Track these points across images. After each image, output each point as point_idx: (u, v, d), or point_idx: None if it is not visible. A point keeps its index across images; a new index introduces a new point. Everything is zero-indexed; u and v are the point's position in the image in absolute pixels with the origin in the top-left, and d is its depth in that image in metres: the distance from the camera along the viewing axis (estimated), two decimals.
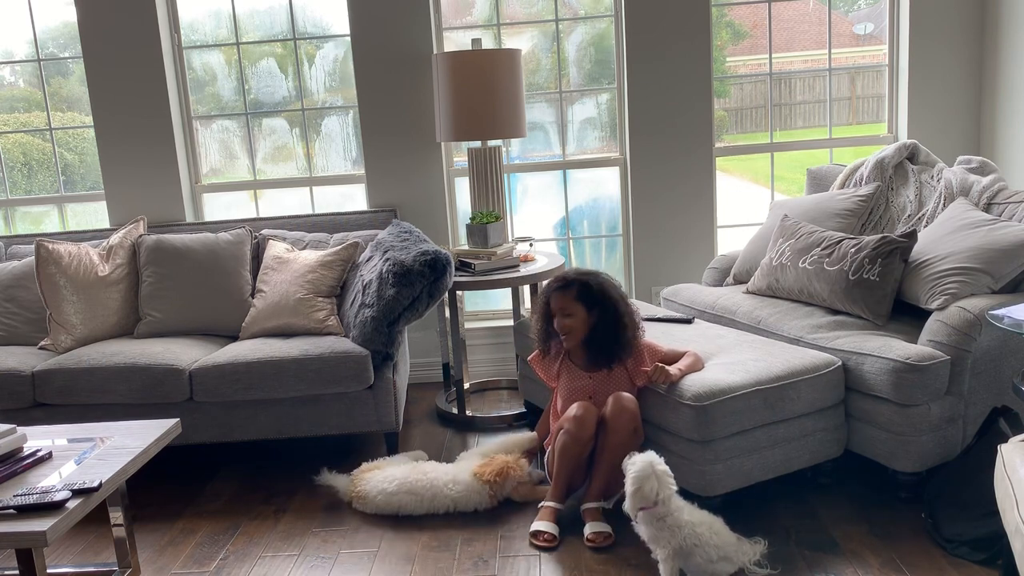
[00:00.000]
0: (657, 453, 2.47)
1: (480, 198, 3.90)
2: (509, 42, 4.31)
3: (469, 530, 2.84)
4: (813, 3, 4.30)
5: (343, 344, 3.32)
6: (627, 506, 2.40)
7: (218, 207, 4.49)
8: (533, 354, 3.06)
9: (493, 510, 2.96)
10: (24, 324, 3.72)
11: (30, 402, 3.33)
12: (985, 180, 3.26)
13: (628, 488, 2.38)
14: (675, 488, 2.40)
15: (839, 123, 4.37)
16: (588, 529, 2.72)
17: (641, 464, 2.38)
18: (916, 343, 2.79)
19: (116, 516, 2.52)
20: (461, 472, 2.96)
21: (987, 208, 3.18)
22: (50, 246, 3.65)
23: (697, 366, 2.81)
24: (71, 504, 2.02)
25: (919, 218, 3.35)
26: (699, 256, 4.25)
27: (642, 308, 3.57)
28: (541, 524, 2.75)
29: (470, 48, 3.86)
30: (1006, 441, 2.05)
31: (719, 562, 2.37)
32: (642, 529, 2.42)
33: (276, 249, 3.80)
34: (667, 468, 2.40)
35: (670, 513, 2.36)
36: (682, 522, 2.36)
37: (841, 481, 2.96)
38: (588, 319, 2.83)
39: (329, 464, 3.37)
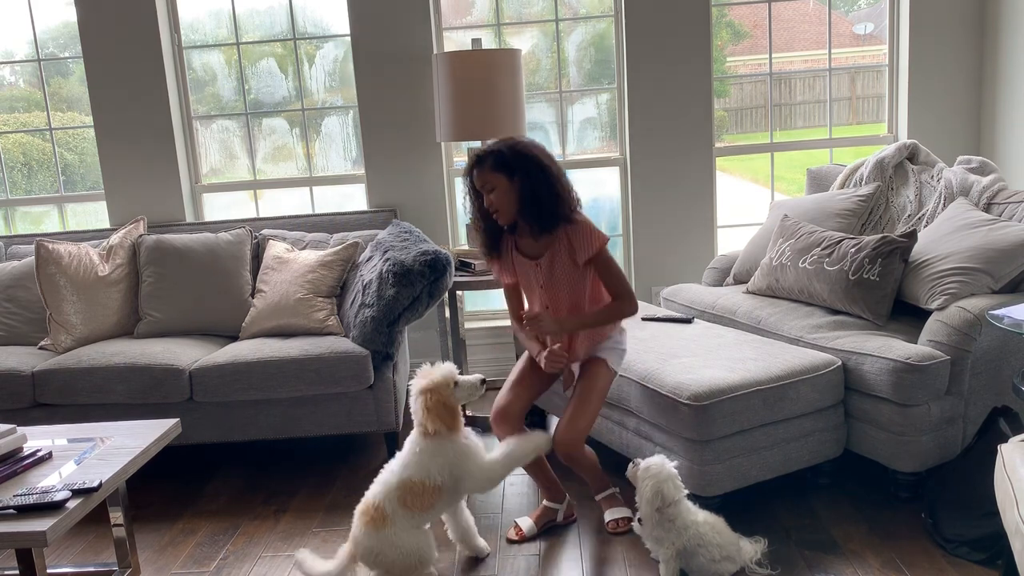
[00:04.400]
0: (656, 453, 2.47)
1: None
2: (509, 42, 4.31)
3: None
4: (813, 3, 4.30)
5: (343, 344, 3.32)
6: (644, 510, 2.39)
7: (218, 207, 4.49)
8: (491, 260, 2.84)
9: (494, 511, 2.96)
10: (24, 324, 3.72)
11: (30, 402, 3.33)
12: (985, 180, 3.26)
13: (647, 492, 2.37)
14: (686, 491, 2.41)
15: (839, 123, 4.37)
16: (608, 516, 2.77)
17: (657, 468, 2.37)
18: (916, 343, 2.79)
19: (116, 516, 2.52)
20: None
21: (987, 208, 3.18)
22: (50, 246, 3.65)
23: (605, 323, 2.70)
24: (71, 504, 2.01)
25: (919, 218, 3.35)
26: (699, 256, 4.25)
27: (642, 308, 3.57)
28: (521, 518, 2.83)
29: (470, 48, 3.86)
30: (1006, 441, 2.05)
31: (722, 561, 2.37)
32: (644, 530, 2.42)
33: (276, 249, 3.80)
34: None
35: (680, 514, 2.36)
36: (688, 523, 2.36)
37: (841, 481, 2.96)
38: (512, 188, 2.61)
39: (328, 464, 3.37)
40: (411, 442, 2.50)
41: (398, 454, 2.53)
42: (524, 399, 2.80)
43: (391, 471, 2.49)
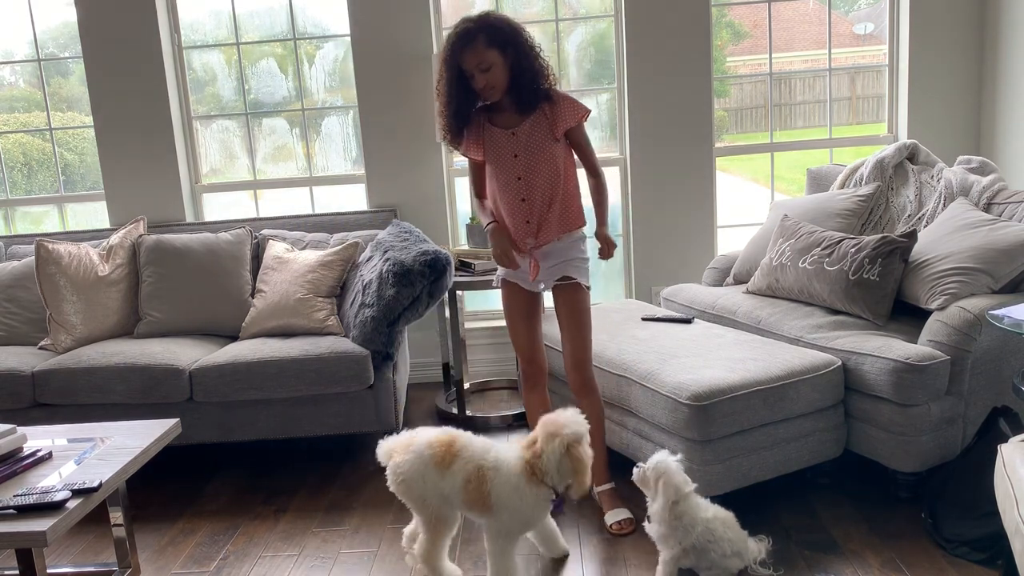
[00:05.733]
0: (657, 452, 2.47)
1: None
2: None
3: (469, 530, 2.84)
4: (813, 3, 4.30)
5: (343, 344, 3.32)
6: (659, 507, 2.37)
7: (218, 207, 4.49)
8: (456, 143, 2.80)
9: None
10: (24, 324, 3.73)
11: (30, 402, 3.33)
12: (985, 180, 3.26)
13: (659, 485, 2.35)
14: (694, 484, 2.40)
15: (839, 123, 4.37)
16: (611, 517, 2.76)
17: (666, 463, 2.37)
18: (916, 343, 2.78)
19: (116, 516, 2.52)
20: None
21: (987, 208, 3.18)
22: (50, 246, 3.65)
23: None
24: (71, 504, 2.01)
25: (919, 218, 3.35)
26: (699, 256, 4.25)
27: (642, 308, 3.57)
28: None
29: None
30: (1006, 441, 2.05)
31: (732, 557, 2.36)
32: (653, 528, 2.41)
33: (276, 249, 3.80)
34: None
35: (688, 510, 2.35)
36: (698, 519, 2.35)
37: (841, 481, 2.96)
38: (505, 63, 2.60)
39: (328, 464, 3.37)
40: (515, 457, 2.36)
41: (506, 447, 2.41)
42: (535, 334, 2.90)
43: (495, 447, 2.38)
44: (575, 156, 2.81)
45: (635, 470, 2.44)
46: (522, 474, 2.32)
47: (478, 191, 2.90)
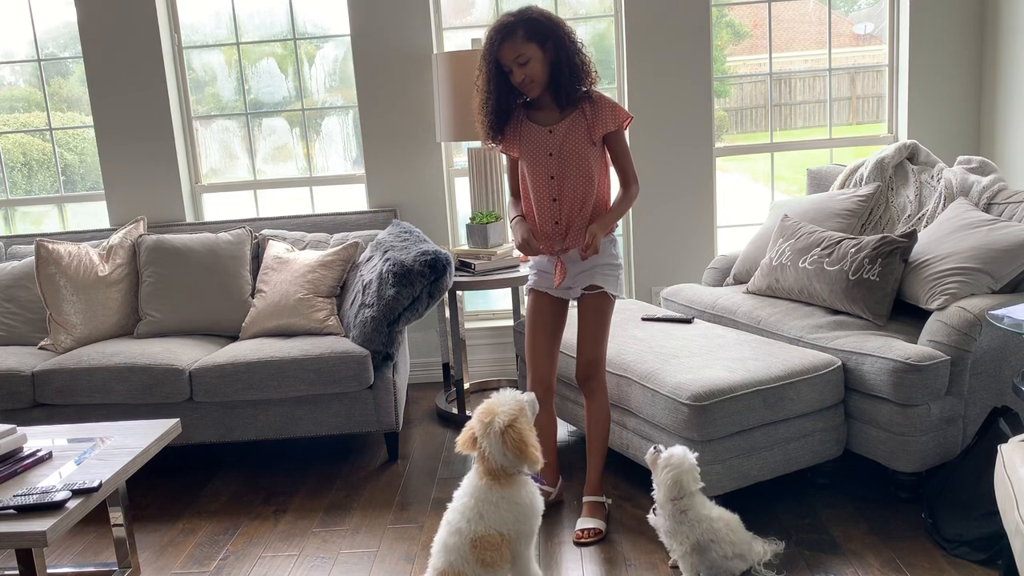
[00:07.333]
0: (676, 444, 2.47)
1: (480, 198, 3.90)
2: None
3: None
4: (813, 3, 4.30)
5: (343, 344, 3.32)
6: (659, 496, 2.39)
7: (218, 207, 4.49)
8: (495, 143, 2.79)
9: None
10: (24, 324, 3.72)
11: (30, 402, 3.33)
12: (985, 180, 3.26)
13: (666, 479, 2.36)
14: (702, 484, 2.41)
15: (839, 123, 4.36)
16: (580, 524, 2.74)
17: (679, 458, 2.38)
18: (916, 343, 2.79)
19: (116, 516, 2.52)
20: None
21: (987, 208, 3.18)
22: (50, 246, 3.65)
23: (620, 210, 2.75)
24: (71, 504, 2.01)
25: (919, 218, 3.35)
26: (699, 256, 4.25)
27: (642, 308, 3.57)
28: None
29: (470, 48, 3.86)
30: (1006, 441, 2.05)
31: (734, 559, 2.36)
32: (659, 522, 2.41)
33: (276, 249, 3.80)
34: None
35: (693, 507, 2.36)
36: (702, 516, 2.36)
37: (841, 481, 2.96)
38: (544, 57, 2.59)
39: (328, 464, 3.36)
40: (476, 490, 2.14)
41: (454, 506, 2.17)
42: (554, 353, 2.84)
43: (455, 530, 2.11)
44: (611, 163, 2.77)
45: (651, 449, 2.44)
46: (491, 488, 2.11)
47: (513, 189, 2.88)
